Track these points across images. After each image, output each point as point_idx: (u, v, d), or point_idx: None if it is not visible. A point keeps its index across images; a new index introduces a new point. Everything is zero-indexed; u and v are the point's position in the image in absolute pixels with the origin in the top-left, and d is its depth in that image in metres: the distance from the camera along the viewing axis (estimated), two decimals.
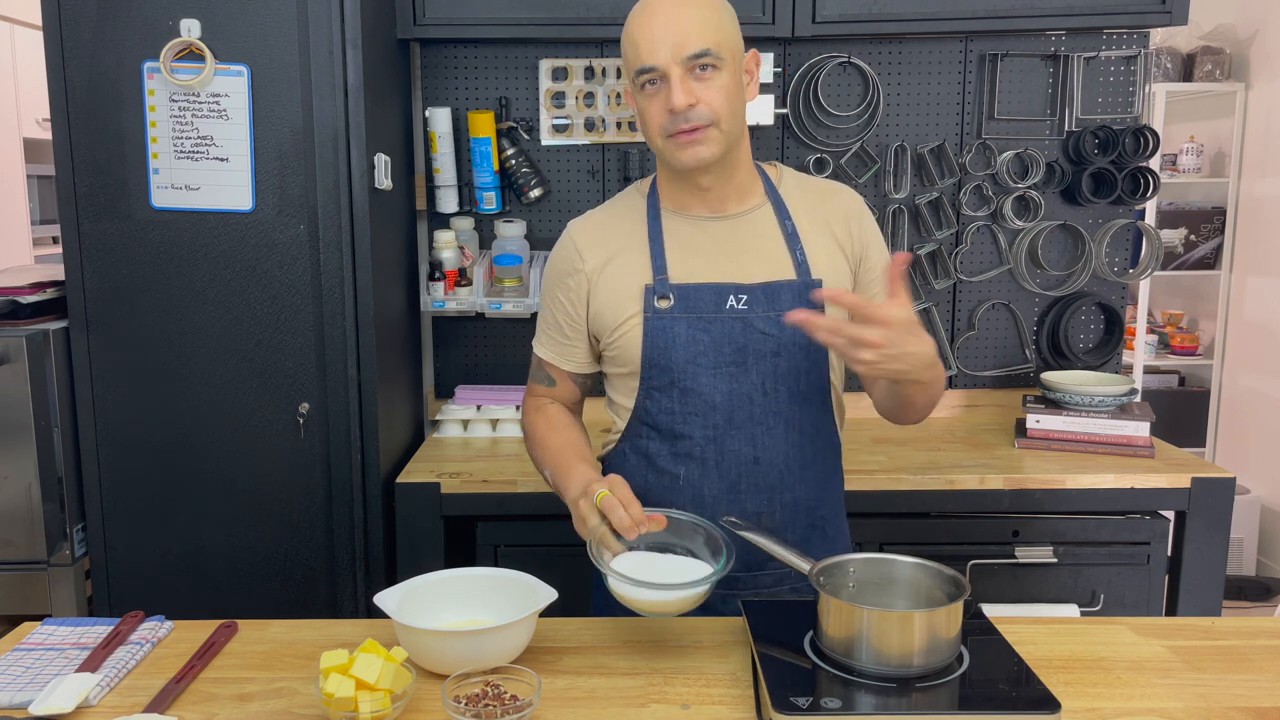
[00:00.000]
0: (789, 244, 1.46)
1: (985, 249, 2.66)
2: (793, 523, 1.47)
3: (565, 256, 1.51)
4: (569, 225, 1.54)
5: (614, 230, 1.50)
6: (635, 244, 1.47)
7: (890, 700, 1.09)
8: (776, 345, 1.42)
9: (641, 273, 1.45)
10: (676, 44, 1.34)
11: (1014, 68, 2.59)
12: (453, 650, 1.21)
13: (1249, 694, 1.20)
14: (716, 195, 1.46)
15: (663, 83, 1.36)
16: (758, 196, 1.49)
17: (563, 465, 1.44)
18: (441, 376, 2.71)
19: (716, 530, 1.31)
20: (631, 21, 1.39)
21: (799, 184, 1.54)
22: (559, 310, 1.52)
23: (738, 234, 1.47)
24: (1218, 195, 4.33)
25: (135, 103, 2.04)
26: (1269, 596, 3.94)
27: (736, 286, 1.43)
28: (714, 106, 1.36)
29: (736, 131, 1.41)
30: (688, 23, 1.34)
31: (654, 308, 1.43)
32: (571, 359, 1.54)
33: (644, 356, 1.44)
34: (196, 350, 2.11)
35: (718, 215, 1.47)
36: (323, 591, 2.18)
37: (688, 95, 1.34)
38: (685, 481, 1.45)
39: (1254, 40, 4.10)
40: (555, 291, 1.52)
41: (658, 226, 1.47)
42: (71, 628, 1.39)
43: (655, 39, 1.34)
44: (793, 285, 1.44)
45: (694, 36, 1.34)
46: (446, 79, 2.59)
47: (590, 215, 1.55)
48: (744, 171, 1.48)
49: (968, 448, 2.39)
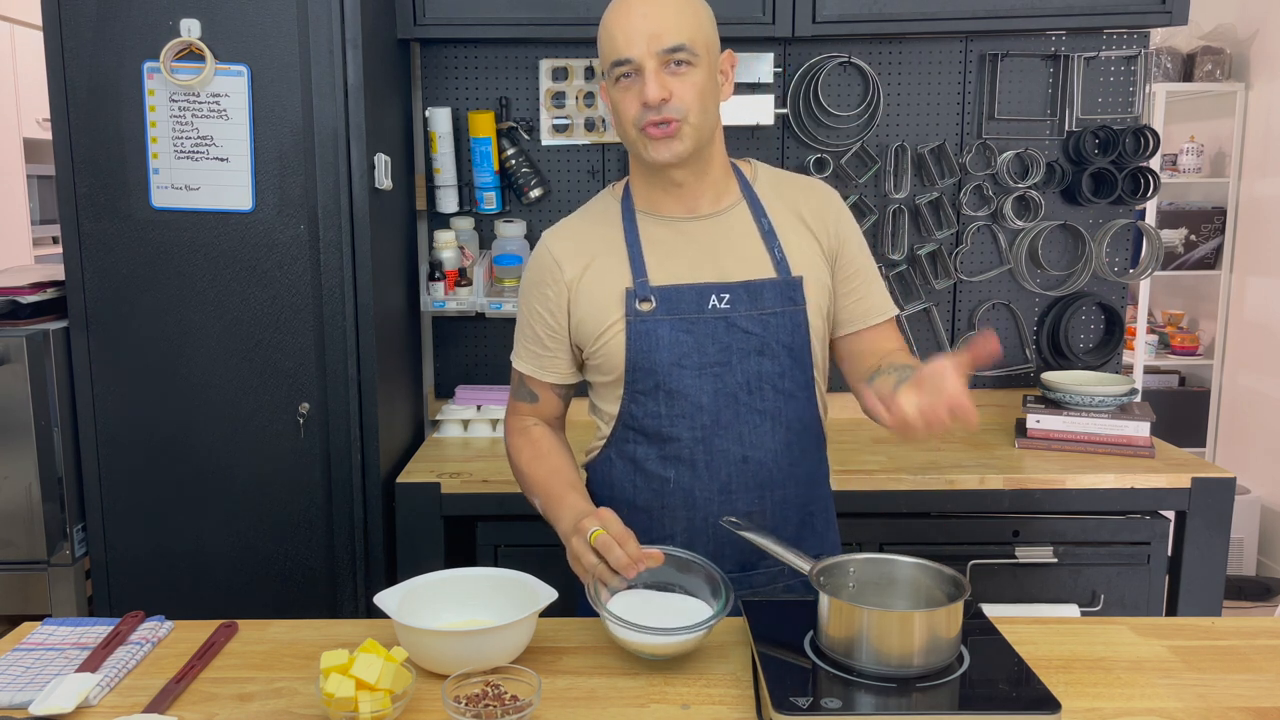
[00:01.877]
0: (766, 242, 1.46)
1: (985, 249, 2.66)
2: (784, 520, 1.47)
3: (543, 267, 1.49)
4: (544, 236, 1.52)
5: (589, 236, 1.49)
6: (612, 249, 1.46)
7: (890, 700, 1.09)
8: (760, 344, 1.42)
9: (621, 277, 1.44)
10: (652, 36, 1.34)
11: (1014, 68, 2.59)
12: (453, 650, 1.21)
13: (1249, 694, 1.20)
14: (690, 193, 1.46)
15: (637, 75, 1.36)
16: (733, 195, 1.49)
17: (553, 495, 1.43)
18: (441, 376, 2.71)
19: (715, 569, 1.31)
20: (608, 14, 1.39)
21: (774, 180, 1.53)
22: (538, 322, 1.50)
23: (714, 233, 1.46)
24: (1218, 195, 4.33)
25: (135, 103, 2.04)
26: (1269, 596, 3.93)
27: (718, 286, 1.43)
28: (686, 102, 1.35)
29: (709, 128, 1.41)
30: (665, 17, 1.34)
31: (636, 311, 1.42)
32: (553, 370, 1.52)
33: (628, 360, 1.43)
34: (196, 350, 2.11)
35: (693, 215, 1.47)
36: (323, 591, 2.18)
37: (661, 89, 1.34)
38: (675, 484, 1.45)
39: (1254, 40, 4.10)
40: (533, 304, 1.50)
41: (634, 229, 1.46)
42: (71, 628, 1.39)
43: (632, 30, 1.34)
44: (774, 283, 1.43)
45: (670, 30, 1.34)
46: (446, 79, 2.58)
47: (564, 224, 1.54)
48: (718, 169, 1.47)
49: (968, 448, 2.39)
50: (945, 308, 2.68)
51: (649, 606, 1.27)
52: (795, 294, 1.44)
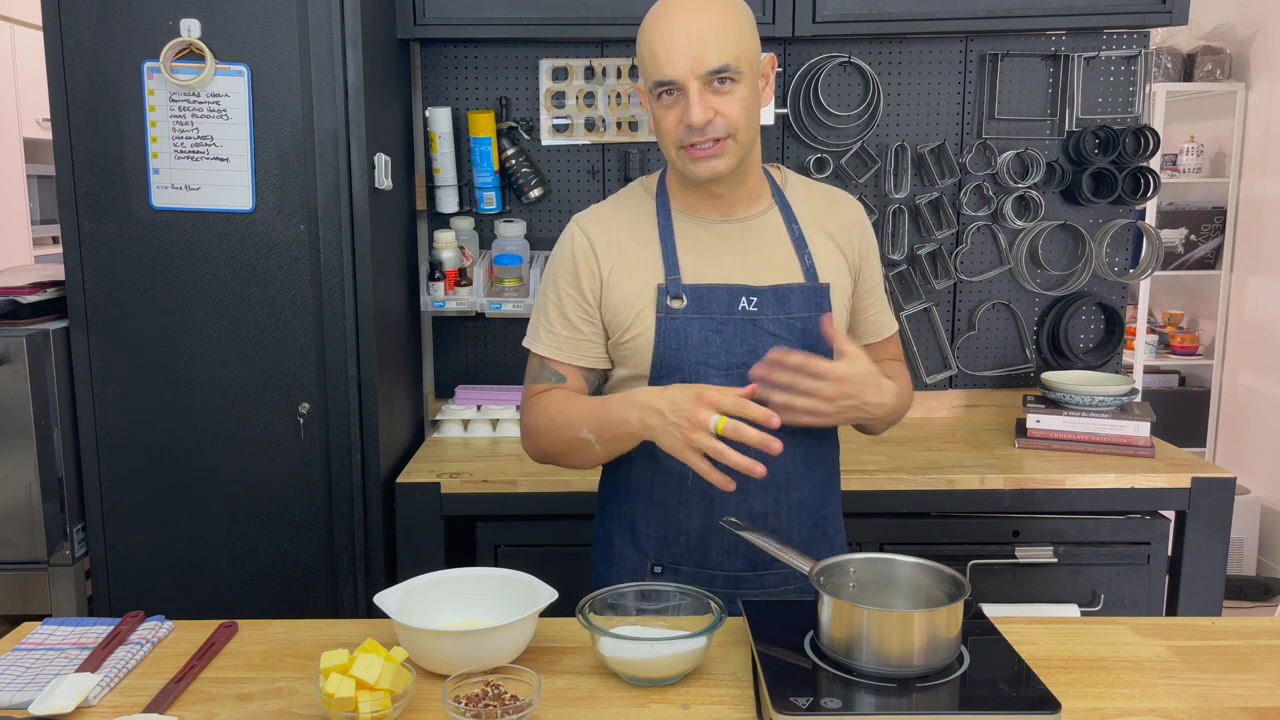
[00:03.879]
0: (796, 248, 1.47)
1: (985, 249, 2.66)
2: (797, 522, 1.47)
3: (577, 249, 1.46)
4: (575, 219, 1.50)
5: (623, 227, 1.47)
6: (646, 242, 1.46)
7: (890, 700, 1.09)
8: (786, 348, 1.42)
9: (653, 272, 1.44)
10: (696, 59, 1.31)
11: (1014, 68, 2.59)
12: (453, 650, 1.21)
13: (1249, 694, 1.20)
14: (728, 200, 1.46)
15: (680, 94, 1.34)
16: (765, 200, 1.50)
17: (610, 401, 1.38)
18: (441, 376, 2.71)
19: (700, 594, 1.28)
20: (649, 28, 1.36)
21: (805, 189, 1.54)
22: (569, 304, 1.46)
23: (747, 237, 1.46)
24: (1218, 195, 4.33)
25: (135, 103, 2.04)
26: (1269, 596, 3.94)
27: (748, 288, 1.43)
28: (732, 119, 1.34)
29: (751, 141, 1.41)
30: (708, 36, 1.31)
31: (668, 308, 1.42)
32: (588, 354, 1.47)
33: (656, 357, 1.42)
34: (196, 350, 2.11)
35: (728, 218, 1.47)
36: (323, 591, 2.18)
37: (705, 111, 1.33)
38: (694, 481, 1.44)
39: (1254, 40, 4.10)
40: (564, 285, 1.47)
41: (669, 226, 1.46)
42: (71, 628, 1.39)
43: (674, 51, 1.32)
44: (802, 289, 1.44)
45: (714, 51, 1.31)
46: (446, 79, 2.58)
47: (597, 210, 1.51)
48: (755, 176, 1.48)
49: (968, 448, 2.39)
50: (945, 308, 2.68)
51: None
52: (823, 301, 1.45)
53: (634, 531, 1.51)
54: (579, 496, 2.13)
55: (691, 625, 1.25)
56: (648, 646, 1.19)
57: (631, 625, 1.28)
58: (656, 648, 1.19)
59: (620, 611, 1.30)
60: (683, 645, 1.19)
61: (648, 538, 1.49)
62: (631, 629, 1.26)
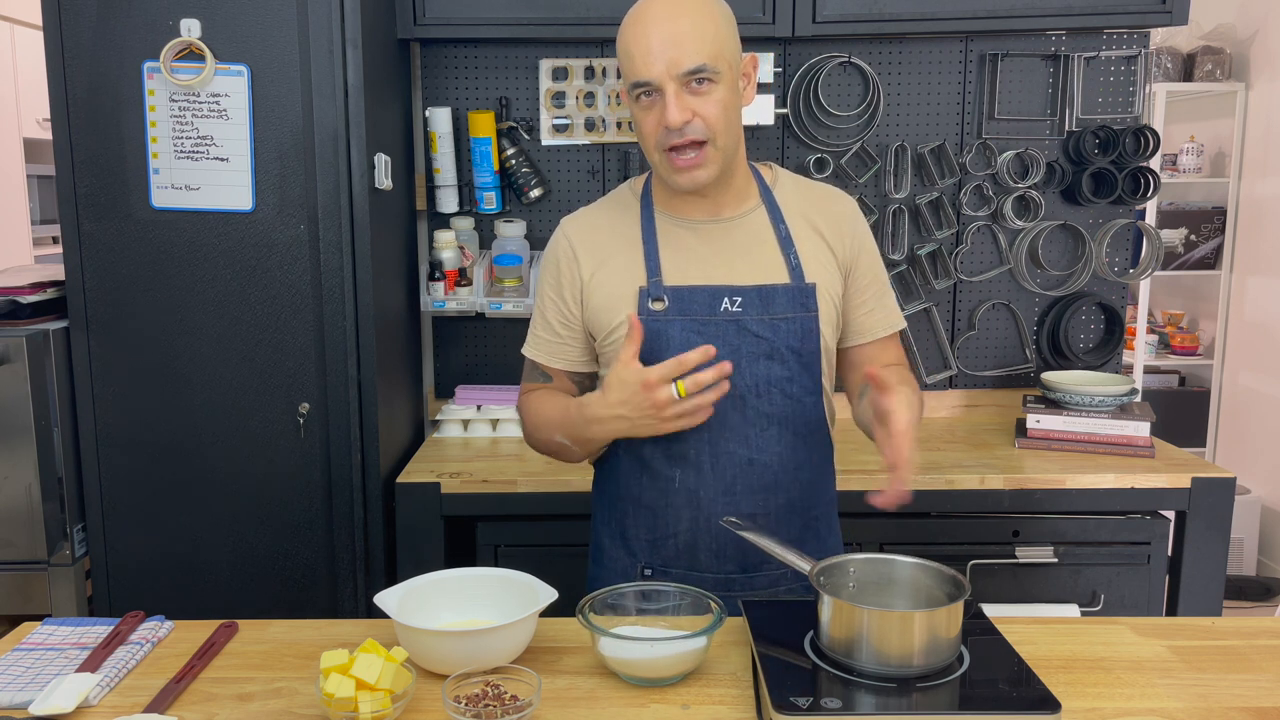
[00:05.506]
0: (782, 247, 1.46)
1: (985, 249, 2.66)
2: (787, 523, 1.47)
3: (560, 253, 1.49)
4: (562, 222, 1.52)
5: (607, 230, 1.49)
6: (629, 245, 1.46)
7: (890, 700, 1.09)
8: (769, 348, 1.42)
9: (635, 275, 1.44)
10: (672, 59, 1.31)
11: (1014, 68, 2.59)
12: (453, 650, 1.21)
13: (1249, 694, 1.20)
14: (713, 201, 1.46)
15: (658, 95, 1.34)
16: (752, 199, 1.49)
17: (570, 412, 1.42)
18: (441, 376, 2.71)
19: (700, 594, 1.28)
20: (626, 30, 1.36)
21: (795, 186, 1.53)
22: (551, 309, 1.50)
23: (731, 237, 1.46)
24: (1218, 195, 4.33)
25: (135, 103, 2.04)
26: (1269, 596, 3.94)
27: (731, 289, 1.43)
28: (710, 121, 1.34)
29: (733, 144, 1.40)
30: (684, 36, 1.31)
31: (648, 310, 1.42)
32: (566, 357, 1.52)
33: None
34: (196, 350, 2.11)
35: (712, 218, 1.47)
36: (323, 591, 2.18)
37: (683, 112, 1.32)
38: (680, 483, 1.45)
39: (1254, 40, 4.10)
40: (547, 289, 1.51)
41: (651, 228, 1.46)
42: (71, 628, 1.39)
43: (650, 52, 1.32)
44: (787, 289, 1.44)
45: (690, 51, 1.31)
46: (446, 79, 2.58)
47: (583, 213, 1.54)
48: (740, 177, 1.47)
49: (968, 448, 2.39)
50: (945, 308, 2.68)
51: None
52: (808, 300, 1.44)
53: (624, 535, 1.51)
54: (579, 496, 2.13)
55: (691, 625, 1.25)
56: (648, 646, 1.19)
57: (631, 625, 1.28)
58: (656, 648, 1.19)
59: (620, 611, 1.30)
60: (683, 645, 1.19)
61: (638, 541, 1.49)
62: (631, 629, 1.26)
